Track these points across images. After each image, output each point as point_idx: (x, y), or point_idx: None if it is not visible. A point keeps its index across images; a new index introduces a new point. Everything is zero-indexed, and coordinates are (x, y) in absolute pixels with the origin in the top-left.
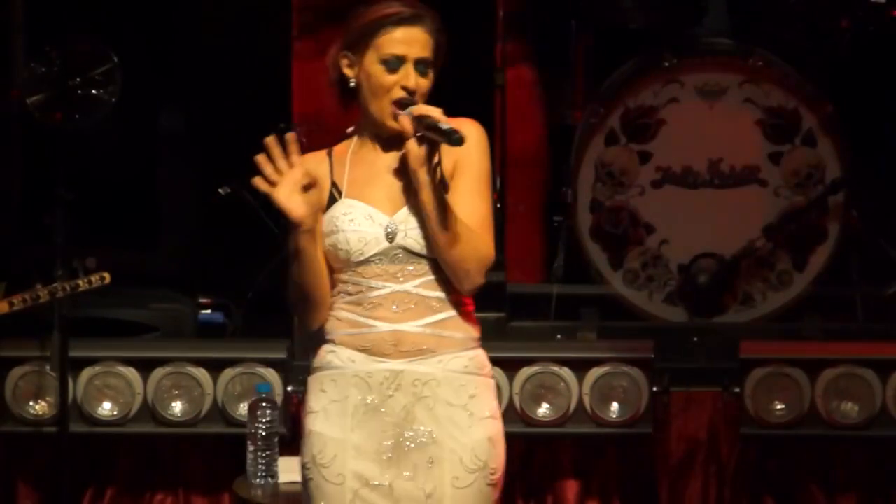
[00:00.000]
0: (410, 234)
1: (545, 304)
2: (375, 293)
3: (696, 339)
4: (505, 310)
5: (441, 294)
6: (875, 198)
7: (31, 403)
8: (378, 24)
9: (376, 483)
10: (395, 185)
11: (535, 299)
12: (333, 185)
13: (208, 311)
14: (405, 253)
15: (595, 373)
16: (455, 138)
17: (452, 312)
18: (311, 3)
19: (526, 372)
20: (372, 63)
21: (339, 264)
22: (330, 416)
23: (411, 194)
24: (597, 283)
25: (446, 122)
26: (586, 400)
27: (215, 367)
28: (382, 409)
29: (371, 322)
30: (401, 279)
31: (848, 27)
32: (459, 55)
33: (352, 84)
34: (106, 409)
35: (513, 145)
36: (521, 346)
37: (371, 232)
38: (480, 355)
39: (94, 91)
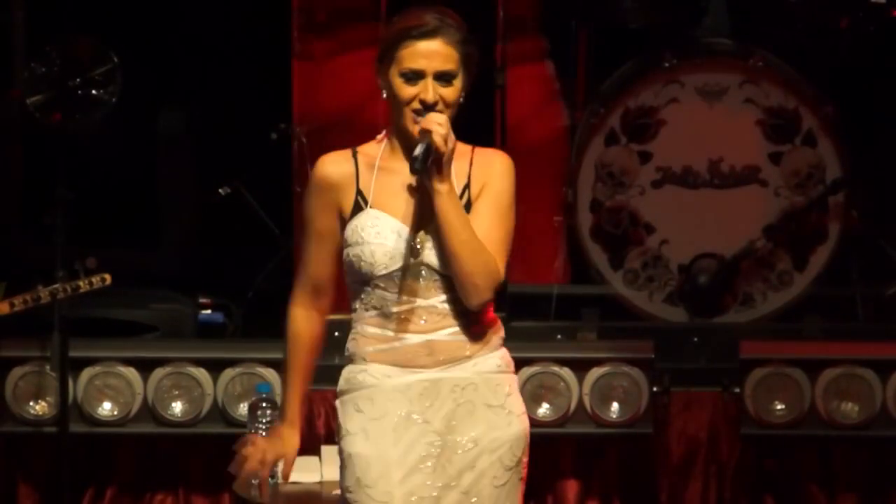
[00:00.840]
0: (435, 251)
1: (545, 304)
2: (403, 307)
3: (696, 339)
4: (505, 310)
5: (463, 306)
6: (875, 198)
7: (31, 403)
8: (399, 37)
9: (424, 495)
10: (423, 199)
11: (535, 299)
12: (359, 192)
13: (208, 311)
14: (429, 269)
15: (595, 373)
16: (413, 167)
17: (478, 317)
18: (310, 3)
19: (526, 372)
20: (394, 76)
21: (361, 276)
22: (370, 436)
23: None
24: (597, 283)
25: (443, 145)
26: (586, 400)
27: (215, 367)
28: (424, 421)
29: (402, 335)
30: (426, 295)
31: (848, 27)
32: None
33: (383, 94)
34: (106, 409)
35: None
36: (521, 346)
37: (397, 247)
38: (506, 354)
39: (94, 91)
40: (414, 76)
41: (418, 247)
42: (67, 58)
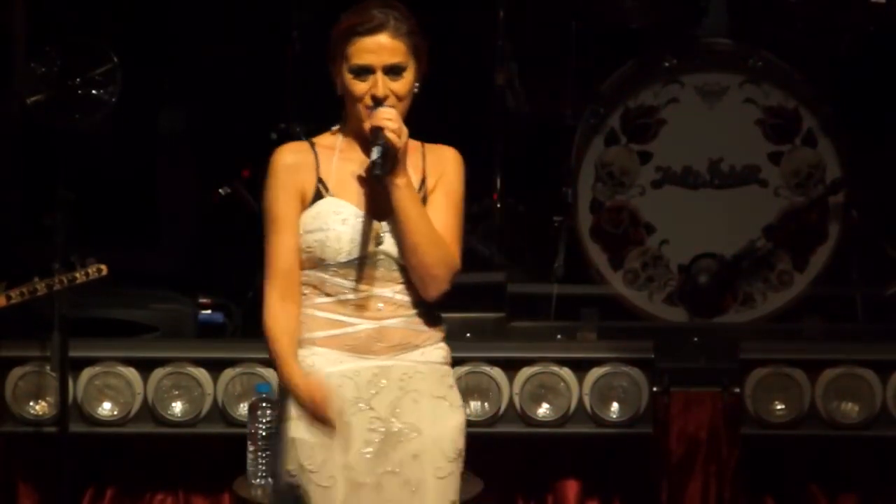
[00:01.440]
0: (395, 240)
1: (545, 304)
2: (359, 294)
3: (696, 339)
4: (505, 310)
5: (417, 297)
6: (875, 198)
7: (31, 403)
8: (346, 34)
9: (364, 481)
10: (382, 189)
11: (535, 299)
12: (320, 180)
13: (208, 311)
14: (388, 258)
15: (595, 373)
16: (374, 173)
17: (430, 308)
18: (310, 4)
19: (526, 372)
20: (345, 72)
21: (321, 262)
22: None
23: None
24: (597, 283)
25: (397, 140)
26: (586, 400)
27: (215, 367)
28: (369, 407)
29: (355, 320)
30: (382, 283)
31: (848, 27)
32: (460, 55)
33: (339, 93)
34: (106, 409)
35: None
36: (521, 346)
37: (360, 234)
38: (447, 348)
39: (94, 91)
40: (363, 72)
41: (382, 235)
42: (67, 58)
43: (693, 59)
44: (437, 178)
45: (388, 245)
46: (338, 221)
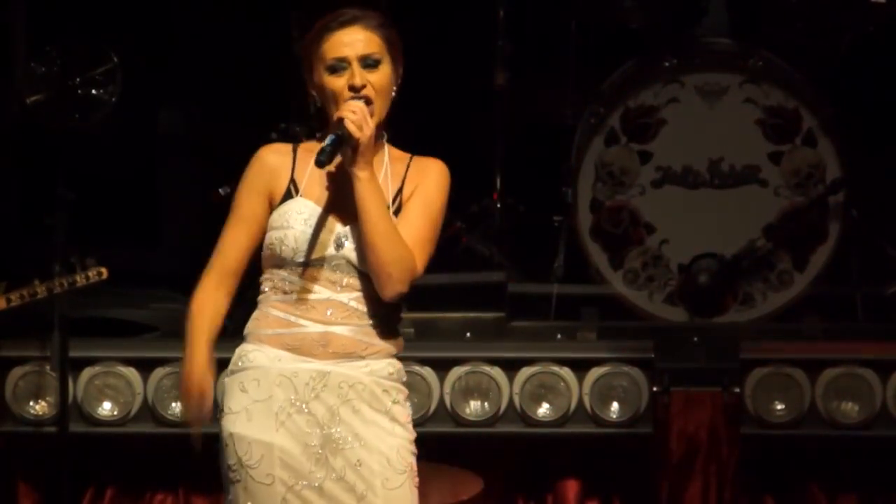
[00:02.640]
0: (356, 246)
1: (545, 304)
2: (312, 296)
3: (696, 339)
4: (505, 310)
5: (373, 308)
6: (875, 198)
7: (31, 403)
8: (318, 34)
9: (306, 483)
10: (353, 196)
11: (535, 299)
12: (292, 181)
13: None
14: (347, 264)
15: (595, 373)
16: (319, 158)
17: (385, 322)
18: (310, 4)
19: (526, 372)
20: (322, 74)
21: (279, 260)
22: (253, 417)
23: None
24: (597, 283)
25: (357, 131)
26: (586, 400)
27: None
28: (307, 410)
29: (302, 322)
30: (338, 289)
31: (848, 27)
32: (460, 55)
33: (318, 104)
34: (106, 409)
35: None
36: (521, 346)
37: (321, 236)
38: (400, 365)
39: (94, 91)
40: (339, 65)
41: (343, 240)
42: (67, 58)
43: (693, 59)
44: (414, 187)
45: (349, 250)
46: (300, 221)
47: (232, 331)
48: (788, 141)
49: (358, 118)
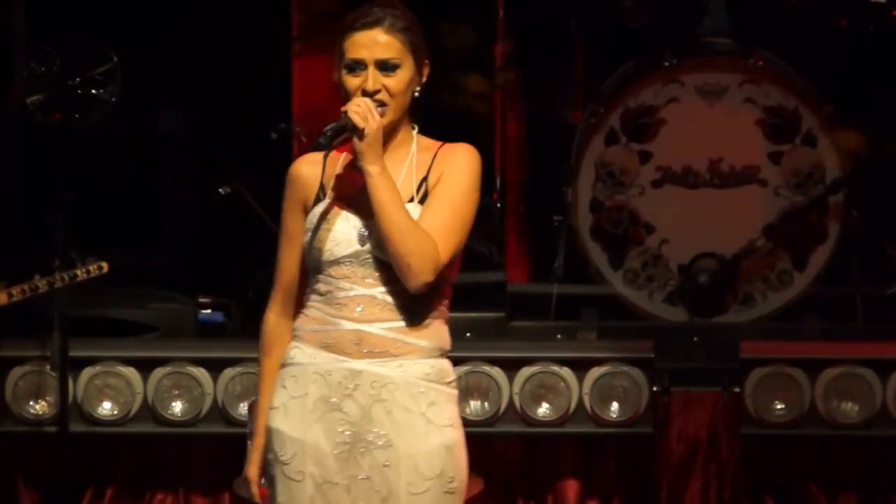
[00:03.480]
0: (380, 240)
1: (545, 304)
2: (343, 294)
3: (696, 339)
4: (505, 310)
5: (409, 302)
6: (875, 198)
7: (31, 403)
8: (343, 31)
9: (334, 481)
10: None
11: (535, 299)
12: (321, 186)
13: (208, 311)
14: (374, 259)
15: (595, 373)
16: (317, 142)
17: (420, 320)
18: (310, 4)
19: (526, 372)
20: (341, 71)
21: (313, 263)
22: (290, 413)
23: None
24: (597, 283)
25: (361, 121)
26: (586, 400)
27: (215, 367)
28: (340, 408)
29: (336, 320)
30: (369, 283)
31: (848, 27)
32: (459, 55)
33: (343, 96)
34: (106, 409)
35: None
36: (521, 346)
37: (343, 234)
38: (444, 365)
39: (94, 91)
40: (356, 66)
41: (366, 234)
42: (67, 58)
43: (693, 59)
44: (440, 174)
45: (373, 244)
46: (324, 223)
47: (232, 331)
48: (788, 141)
49: (362, 110)
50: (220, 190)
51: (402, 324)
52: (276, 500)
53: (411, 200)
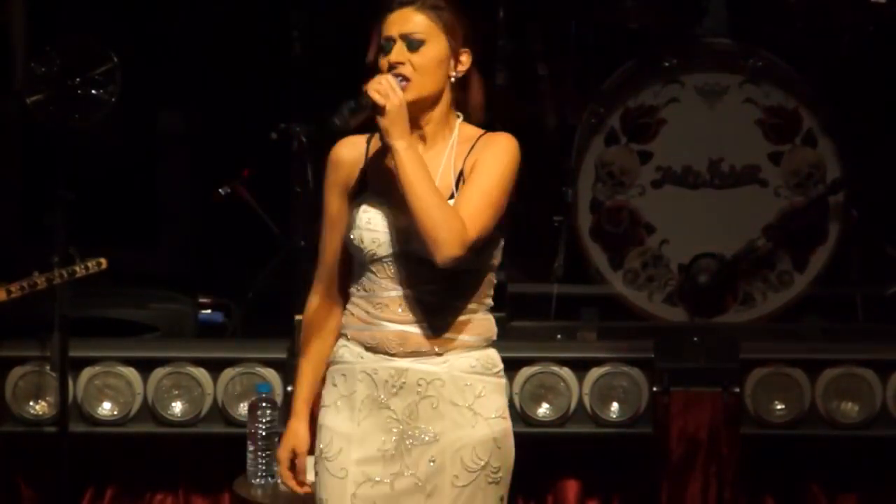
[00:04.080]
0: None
1: (545, 304)
2: (385, 293)
3: (696, 339)
4: (505, 310)
5: (452, 301)
6: (875, 198)
7: (31, 403)
8: (381, 14)
9: (378, 479)
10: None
11: (535, 299)
12: (363, 174)
13: (208, 311)
14: (416, 258)
15: (595, 373)
16: (332, 122)
17: (463, 317)
18: (310, 4)
19: (526, 372)
20: (378, 56)
21: (357, 259)
22: (340, 411)
23: None
24: (597, 283)
25: (380, 98)
26: (586, 400)
27: (215, 367)
28: (388, 406)
29: (378, 320)
30: (411, 283)
31: (848, 27)
32: None
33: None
34: (106, 409)
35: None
36: (521, 346)
37: (385, 233)
38: (490, 355)
39: (94, 91)
40: (387, 44)
41: (408, 234)
42: (67, 58)
43: (693, 59)
44: (475, 161)
45: (415, 244)
46: (365, 220)
47: (232, 331)
48: (788, 141)
49: (383, 87)
50: (220, 190)
51: (446, 322)
52: (318, 496)
53: (451, 196)
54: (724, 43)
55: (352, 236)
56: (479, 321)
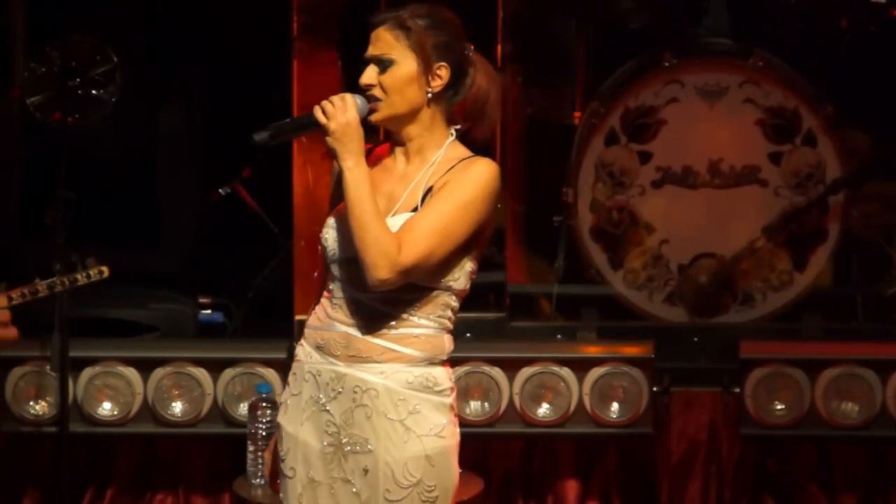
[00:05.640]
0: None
1: (545, 305)
2: (340, 295)
3: (696, 339)
4: (505, 310)
5: (397, 312)
6: (875, 198)
7: (31, 403)
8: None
9: (320, 481)
10: (393, 195)
11: (535, 299)
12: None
13: (208, 311)
14: None
15: (595, 373)
16: (256, 135)
17: (408, 331)
18: (311, 3)
19: (526, 372)
20: None
21: (325, 260)
22: (289, 410)
23: (402, 207)
24: (597, 283)
25: (322, 117)
26: (586, 400)
27: (215, 367)
28: (327, 410)
29: (330, 321)
30: (362, 288)
31: (848, 27)
32: None
33: None
34: (106, 409)
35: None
36: (521, 346)
37: (347, 235)
38: (434, 373)
39: (94, 91)
40: (362, 66)
41: None
42: (67, 58)
43: (693, 59)
44: (446, 179)
45: None
46: (332, 222)
47: (232, 331)
48: (788, 141)
49: (330, 108)
50: (220, 190)
51: (392, 332)
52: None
53: (415, 209)
54: (724, 43)
55: (321, 236)
56: (428, 338)
